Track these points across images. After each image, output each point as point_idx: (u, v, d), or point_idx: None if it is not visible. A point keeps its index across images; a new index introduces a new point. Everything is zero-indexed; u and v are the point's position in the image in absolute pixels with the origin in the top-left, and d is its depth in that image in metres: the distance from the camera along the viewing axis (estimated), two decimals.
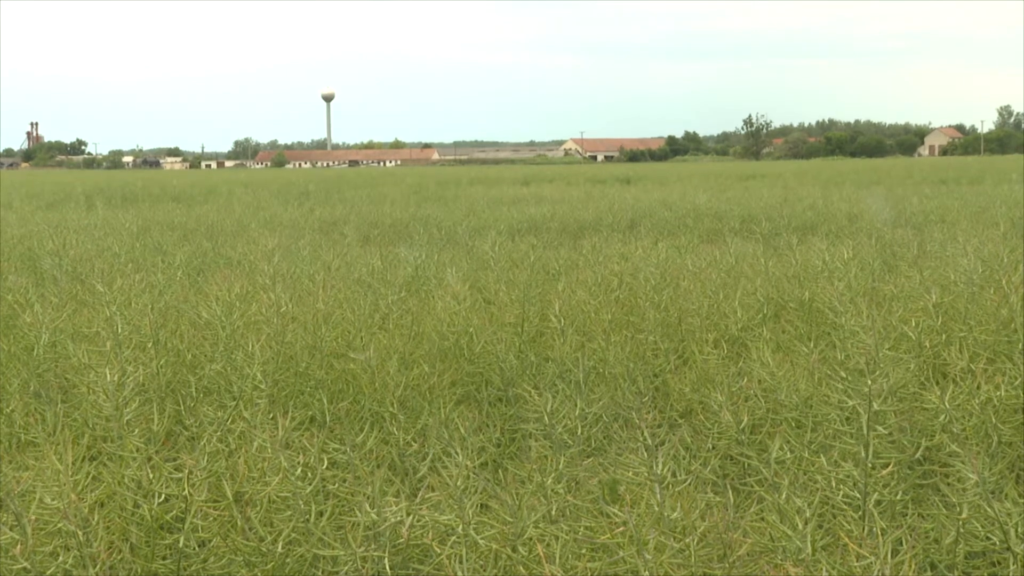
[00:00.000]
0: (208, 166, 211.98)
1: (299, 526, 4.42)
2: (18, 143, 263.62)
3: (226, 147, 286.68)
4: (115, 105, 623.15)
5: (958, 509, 4.34)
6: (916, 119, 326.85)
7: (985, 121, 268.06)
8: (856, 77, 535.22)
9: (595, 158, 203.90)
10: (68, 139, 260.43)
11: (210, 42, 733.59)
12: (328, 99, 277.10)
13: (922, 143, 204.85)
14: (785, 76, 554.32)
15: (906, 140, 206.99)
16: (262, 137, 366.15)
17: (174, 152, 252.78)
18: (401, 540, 4.18)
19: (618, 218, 22.57)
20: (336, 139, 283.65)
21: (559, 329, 7.72)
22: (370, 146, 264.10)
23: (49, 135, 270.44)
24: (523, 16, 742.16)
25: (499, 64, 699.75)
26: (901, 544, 3.90)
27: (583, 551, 4.00)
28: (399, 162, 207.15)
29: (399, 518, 4.20)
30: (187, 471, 4.57)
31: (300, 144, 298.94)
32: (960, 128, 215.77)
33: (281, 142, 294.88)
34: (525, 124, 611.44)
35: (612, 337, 7.56)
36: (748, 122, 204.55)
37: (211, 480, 4.66)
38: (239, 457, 4.77)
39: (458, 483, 4.19)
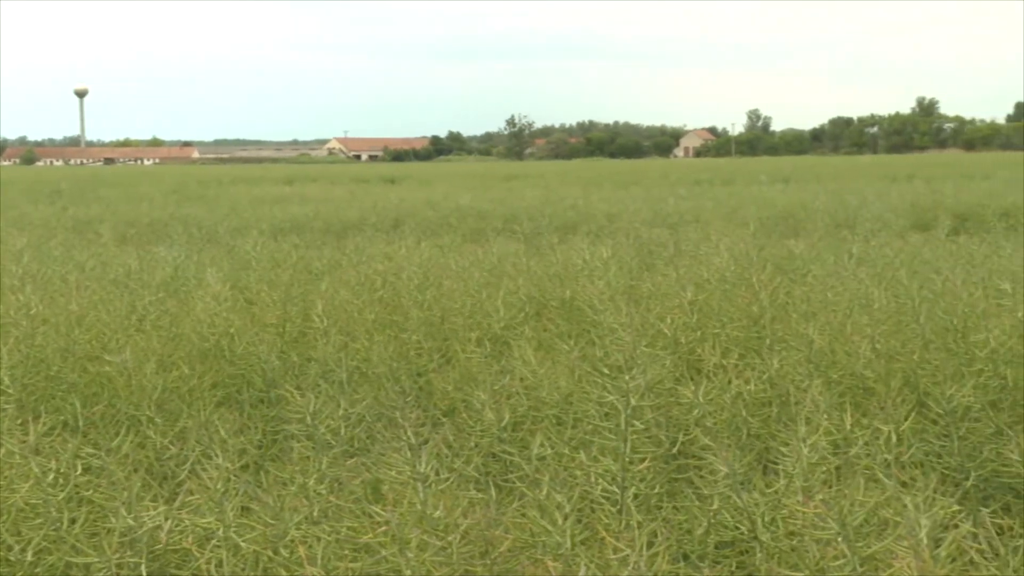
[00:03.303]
0: None
1: (50, 534, 4.26)
2: None
3: None
4: None
5: (710, 501, 4.49)
6: (671, 121, 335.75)
7: (736, 124, 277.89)
8: (614, 79, 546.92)
9: (359, 157, 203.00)
10: None
11: None
12: (81, 95, 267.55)
13: (677, 144, 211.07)
14: (547, 77, 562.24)
15: (662, 141, 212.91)
16: (9, 133, 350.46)
17: None
18: (159, 545, 4.09)
19: (382, 218, 22.59)
20: (91, 136, 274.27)
21: (322, 329, 7.67)
22: (127, 144, 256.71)
23: None
24: (287, 14, 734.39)
25: (262, 61, 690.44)
26: (656, 536, 4.01)
27: (345, 551, 3.99)
28: (158, 160, 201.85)
29: (157, 523, 4.11)
30: None
31: (52, 141, 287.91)
32: (713, 130, 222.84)
33: (31, 138, 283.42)
34: (288, 123, 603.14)
35: (375, 336, 7.54)
36: (511, 122, 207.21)
37: None
38: None
39: (218, 486, 4.12)
